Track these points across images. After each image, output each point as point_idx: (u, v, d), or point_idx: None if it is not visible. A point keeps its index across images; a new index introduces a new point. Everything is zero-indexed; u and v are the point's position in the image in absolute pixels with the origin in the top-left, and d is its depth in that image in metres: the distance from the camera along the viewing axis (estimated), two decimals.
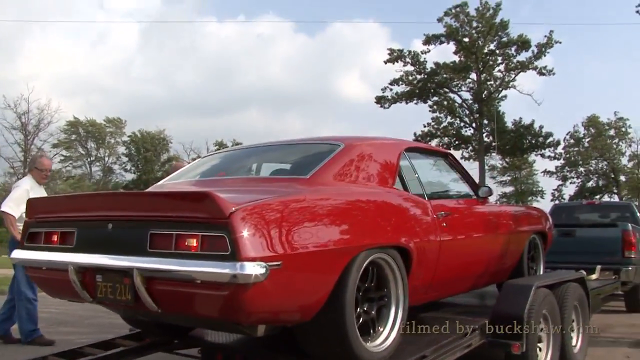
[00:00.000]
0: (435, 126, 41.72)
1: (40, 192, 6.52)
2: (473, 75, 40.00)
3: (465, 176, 5.38)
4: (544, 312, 4.76)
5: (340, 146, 4.14)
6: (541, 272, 6.16)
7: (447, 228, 4.37)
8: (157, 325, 4.44)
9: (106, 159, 63.44)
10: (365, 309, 3.58)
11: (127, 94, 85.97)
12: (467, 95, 40.77)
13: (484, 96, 39.52)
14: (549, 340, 4.87)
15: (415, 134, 41.64)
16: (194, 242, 2.93)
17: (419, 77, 40.24)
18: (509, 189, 58.28)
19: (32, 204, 3.89)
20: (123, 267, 3.13)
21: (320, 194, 3.53)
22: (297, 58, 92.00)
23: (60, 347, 4.73)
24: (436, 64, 39.67)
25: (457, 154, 41.04)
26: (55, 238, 3.64)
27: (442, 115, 41.63)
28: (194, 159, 5.01)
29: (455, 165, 5.36)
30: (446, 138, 41.60)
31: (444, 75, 39.93)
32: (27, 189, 6.46)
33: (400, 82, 40.39)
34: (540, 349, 4.74)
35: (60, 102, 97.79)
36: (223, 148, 45.75)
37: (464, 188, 5.33)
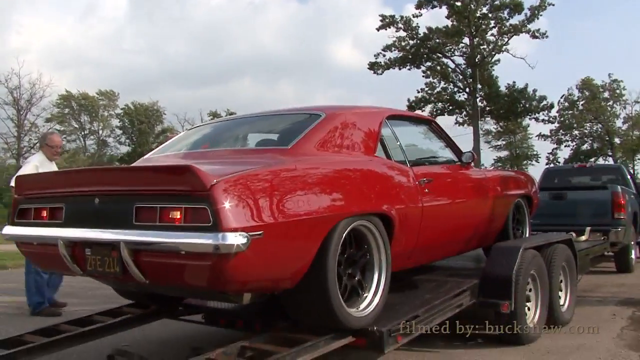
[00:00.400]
0: (429, 92, 41.63)
1: (51, 168, 6.60)
2: (466, 40, 39.74)
3: (449, 142, 5.39)
4: (532, 273, 4.92)
5: (322, 116, 4.18)
6: (527, 235, 6.23)
7: (429, 194, 4.42)
8: (148, 297, 4.59)
9: (100, 132, 63.17)
10: (348, 275, 3.67)
11: (118, 66, 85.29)
12: (460, 60, 40.57)
13: (477, 60, 39.33)
14: (537, 300, 5.05)
15: (409, 99, 41.58)
16: (177, 215, 3.00)
17: (411, 42, 40.01)
18: (503, 154, 58.48)
19: (20, 180, 3.99)
20: (110, 240, 3.22)
21: (301, 164, 3.56)
22: (290, 26, 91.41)
23: (68, 318, 4.89)
24: (429, 28, 39.40)
25: (451, 119, 41.28)
26: (44, 214, 3.72)
27: (435, 80, 41.49)
28: (189, 130, 5.12)
29: (438, 132, 5.39)
30: (440, 103, 41.53)
31: (437, 40, 39.67)
32: (36, 164, 6.58)
33: (393, 48, 40.17)
34: (528, 308, 4.92)
35: (52, 76, 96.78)
36: (217, 118, 45.63)
37: (447, 154, 5.35)
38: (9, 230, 3.92)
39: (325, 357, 3.57)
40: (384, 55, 40.57)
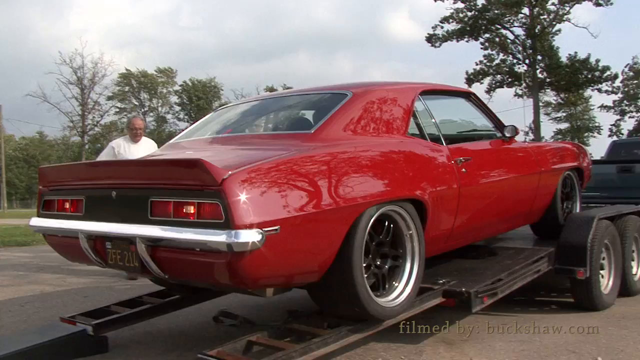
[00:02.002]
0: (487, 64, 41.06)
1: (135, 149, 6.99)
2: (526, 10, 38.92)
3: (490, 116, 5.06)
4: (605, 242, 5.04)
5: (348, 96, 3.95)
6: (577, 210, 5.86)
7: (467, 174, 4.18)
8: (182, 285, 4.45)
9: (159, 108, 64.61)
10: (377, 263, 3.53)
11: (176, 43, 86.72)
12: (519, 31, 39.86)
13: (537, 31, 38.55)
14: (610, 268, 5.16)
15: (467, 72, 41.16)
16: (191, 210, 2.91)
17: (469, 14, 39.44)
18: (564, 126, 57.32)
19: (43, 172, 3.91)
20: (127, 234, 3.17)
21: (321, 151, 3.37)
22: None
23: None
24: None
25: (510, 92, 40.66)
26: (66, 206, 3.70)
27: (494, 52, 40.90)
28: (217, 110, 5.21)
29: (478, 105, 5.04)
30: (499, 75, 40.96)
31: (496, 11, 38.96)
32: (114, 146, 7.12)
33: (451, 20, 39.71)
34: (602, 276, 5.04)
35: (112, 54, 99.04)
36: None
37: (488, 129, 5.07)
38: (36, 222, 3.91)
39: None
40: (442, 27, 40.15)
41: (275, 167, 3.02)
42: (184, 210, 2.92)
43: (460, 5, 39.32)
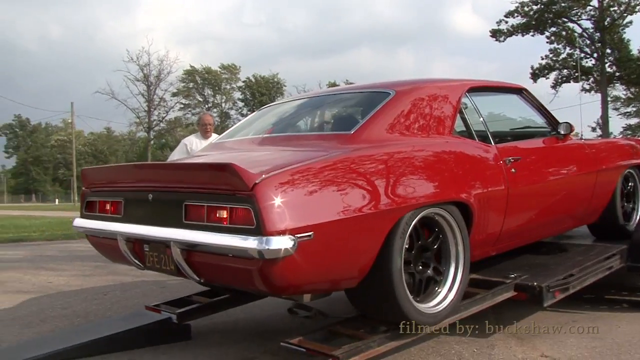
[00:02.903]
0: (554, 58, 40.12)
1: (206, 145, 7.25)
2: (594, 2, 37.91)
3: (543, 113, 4.88)
4: None
5: (391, 94, 3.85)
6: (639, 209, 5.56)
7: (516, 174, 4.05)
8: None
9: (223, 104, 65.65)
10: (420, 268, 3.47)
11: (239, 39, 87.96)
12: (587, 24, 38.81)
13: (606, 24, 37.46)
14: None
15: (532, 67, 40.31)
16: (224, 214, 2.88)
17: (535, 7, 38.62)
18: (634, 121, 55.52)
19: (85, 173, 3.96)
20: (163, 238, 3.18)
21: (359, 154, 3.28)
22: None
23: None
24: None
25: (577, 86, 39.66)
26: (107, 207, 3.74)
27: (560, 46, 39.92)
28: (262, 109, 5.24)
29: (531, 101, 4.87)
30: (565, 70, 39.96)
31: (562, 4, 38.04)
32: (186, 143, 7.34)
33: (516, 14, 38.98)
34: None
35: (177, 51, 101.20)
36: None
37: (540, 126, 4.91)
38: (79, 222, 3.97)
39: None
40: (506, 22, 39.46)
41: (310, 171, 2.96)
42: (217, 214, 2.91)
43: None
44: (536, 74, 39.96)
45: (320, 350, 3.14)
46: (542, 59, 40.29)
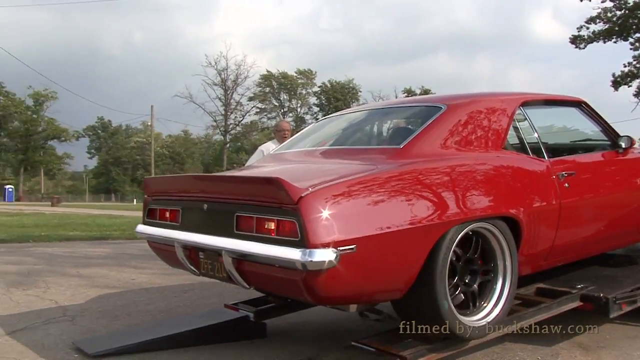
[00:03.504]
0: (637, 65, 38.84)
1: None
2: None
3: (603, 126, 4.79)
4: None
5: (442, 109, 3.90)
6: None
7: (570, 189, 4.06)
8: None
9: (298, 109, 66.55)
10: (466, 281, 3.52)
11: (315, 45, 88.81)
12: None
13: None
14: None
15: (614, 74, 39.09)
16: (272, 226, 3.01)
17: (618, 13, 37.49)
18: None
19: (147, 183, 4.19)
20: (214, 247, 3.35)
21: (407, 168, 3.38)
22: None
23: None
24: None
25: None
26: (166, 215, 3.92)
27: None
28: (319, 122, 5.32)
29: (590, 115, 4.78)
30: None
31: None
32: (262, 150, 7.51)
33: (598, 20, 37.93)
34: None
35: (254, 57, 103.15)
36: (410, 96, 45.74)
37: (599, 140, 4.83)
38: (141, 228, 4.18)
39: None
40: (587, 28, 38.43)
41: (355, 185, 3.06)
42: (266, 226, 3.04)
43: (609, 4, 37.44)
44: (618, 82, 38.68)
45: (389, 351, 3.31)
46: (625, 66, 39.04)
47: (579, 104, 4.79)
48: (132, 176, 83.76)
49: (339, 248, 2.83)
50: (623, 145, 4.66)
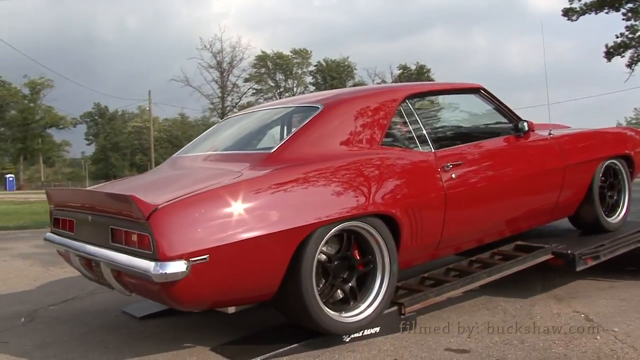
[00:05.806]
0: (630, 35, 39.09)
1: None
2: None
3: (502, 111, 4.79)
4: None
5: (318, 109, 3.92)
6: (626, 200, 5.49)
7: (457, 179, 4.06)
8: None
9: (295, 89, 66.52)
10: (344, 278, 3.60)
11: (310, 23, 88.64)
12: None
13: None
14: None
15: (606, 45, 39.47)
16: (135, 239, 3.12)
17: None
18: None
19: (49, 194, 4.27)
20: (96, 257, 3.45)
21: (268, 175, 3.42)
22: None
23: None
24: None
25: None
26: (65, 225, 3.99)
27: (637, 23, 38.95)
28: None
29: (490, 100, 4.78)
30: None
31: None
32: None
33: None
34: None
35: (249, 37, 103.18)
36: (406, 71, 46.16)
37: (497, 126, 4.83)
38: (49, 236, 4.22)
39: None
40: (579, 0, 38.73)
41: (207, 197, 3.16)
42: (131, 238, 3.16)
43: None
44: (610, 53, 39.04)
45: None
46: (617, 37, 39.36)
47: (477, 90, 4.78)
48: (131, 161, 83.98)
49: (190, 259, 2.96)
50: (521, 129, 4.69)
